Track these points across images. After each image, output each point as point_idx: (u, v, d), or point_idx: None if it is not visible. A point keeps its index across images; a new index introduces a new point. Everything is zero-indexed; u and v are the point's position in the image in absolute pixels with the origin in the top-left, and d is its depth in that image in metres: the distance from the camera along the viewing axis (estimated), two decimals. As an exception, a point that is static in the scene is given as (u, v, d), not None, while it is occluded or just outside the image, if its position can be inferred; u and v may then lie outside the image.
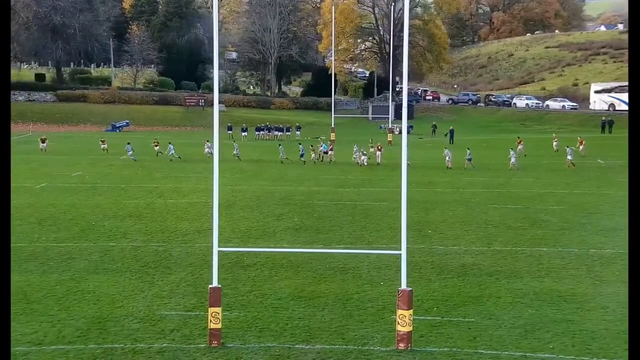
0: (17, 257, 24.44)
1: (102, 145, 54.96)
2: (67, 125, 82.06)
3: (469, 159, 49.02)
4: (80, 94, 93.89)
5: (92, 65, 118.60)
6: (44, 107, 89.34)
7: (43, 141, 52.85)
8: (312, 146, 53.33)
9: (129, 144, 52.14)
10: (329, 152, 52.94)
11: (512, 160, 48.81)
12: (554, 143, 58.39)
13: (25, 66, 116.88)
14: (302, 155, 51.80)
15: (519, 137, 59.97)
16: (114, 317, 18.98)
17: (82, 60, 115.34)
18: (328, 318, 19.09)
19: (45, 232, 28.45)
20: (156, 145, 53.63)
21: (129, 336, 17.65)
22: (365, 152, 51.39)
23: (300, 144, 54.24)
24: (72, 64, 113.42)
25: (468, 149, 50.26)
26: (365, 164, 50.02)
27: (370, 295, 21.05)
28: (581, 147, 55.08)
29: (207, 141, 51.46)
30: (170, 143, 52.95)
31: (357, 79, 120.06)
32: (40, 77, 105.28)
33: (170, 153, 51.43)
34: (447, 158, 49.58)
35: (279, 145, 54.19)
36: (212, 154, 49.69)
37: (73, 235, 28.18)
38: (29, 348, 16.77)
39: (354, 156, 51.68)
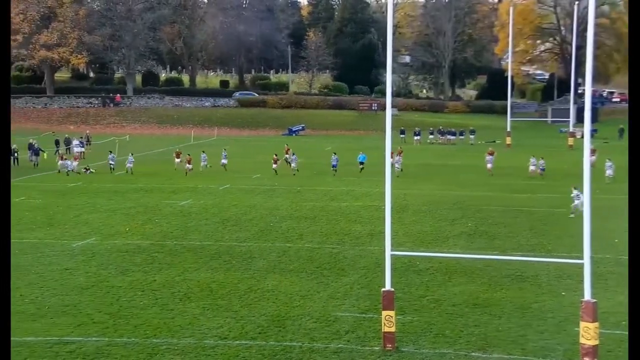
0: (203, 255, 26.00)
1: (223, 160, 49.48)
2: (248, 130, 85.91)
3: (542, 169, 45.91)
4: (260, 99, 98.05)
5: (272, 72, 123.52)
6: (227, 112, 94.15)
7: (221, 153, 50.82)
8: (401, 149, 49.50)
9: (203, 152, 50.31)
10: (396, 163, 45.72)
11: (608, 172, 44.14)
12: None
13: (212, 74, 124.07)
14: (334, 167, 47.10)
15: None
16: (292, 316, 19.59)
17: (262, 67, 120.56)
18: (505, 327, 18.55)
19: (228, 232, 29.94)
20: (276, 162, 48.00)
21: (305, 335, 18.14)
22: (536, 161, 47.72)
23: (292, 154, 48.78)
24: (253, 70, 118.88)
25: (541, 158, 46.79)
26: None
27: (550, 305, 20.19)
28: None
29: (188, 154, 48.56)
30: (111, 152, 49.72)
31: (536, 81, 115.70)
32: (224, 83, 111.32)
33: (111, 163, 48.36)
34: (531, 167, 46.50)
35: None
36: (205, 166, 47.02)
37: (253, 235, 29.46)
38: (215, 342, 17.72)
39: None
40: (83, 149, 57.02)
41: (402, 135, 70.35)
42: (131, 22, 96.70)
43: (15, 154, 50.81)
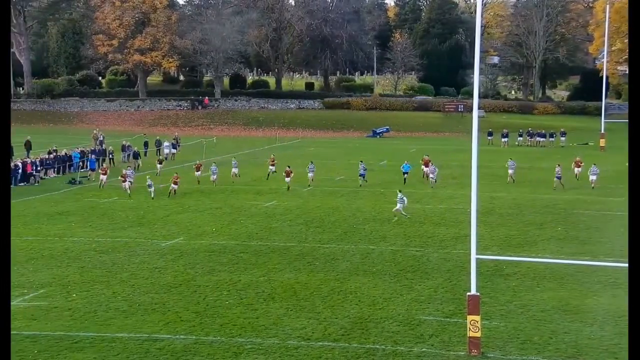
0: (287, 256, 26.23)
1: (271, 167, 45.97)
2: (332, 132, 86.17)
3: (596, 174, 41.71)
4: (344, 101, 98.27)
5: (357, 74, 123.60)
6: (312, 114, 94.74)
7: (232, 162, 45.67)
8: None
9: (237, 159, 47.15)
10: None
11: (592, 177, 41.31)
12: None
13: (297, 76, 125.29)
14: (362, 175, 43.05)
15: None
16: (375, 318, 19.50)
17: (347, 69, 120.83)
18: (598, 335, 17.92)
19: (312, 233, 30.11)
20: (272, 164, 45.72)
21: (389, 338, 18.02)
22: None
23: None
24: (338, 72, 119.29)
25: (594, 164, 42.51)
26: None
27: (645, 315, 19.33)
28: None
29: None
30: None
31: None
32: (309, 86, 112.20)
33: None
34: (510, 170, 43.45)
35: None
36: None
37: (336, 236, 29.51)
38: (298, 342, 17.84)
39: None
40: (175, 151, 58.57)
41: (489, 137, 69.12)
42: (220, 26, 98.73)
43: (111, 155, 52.76)
